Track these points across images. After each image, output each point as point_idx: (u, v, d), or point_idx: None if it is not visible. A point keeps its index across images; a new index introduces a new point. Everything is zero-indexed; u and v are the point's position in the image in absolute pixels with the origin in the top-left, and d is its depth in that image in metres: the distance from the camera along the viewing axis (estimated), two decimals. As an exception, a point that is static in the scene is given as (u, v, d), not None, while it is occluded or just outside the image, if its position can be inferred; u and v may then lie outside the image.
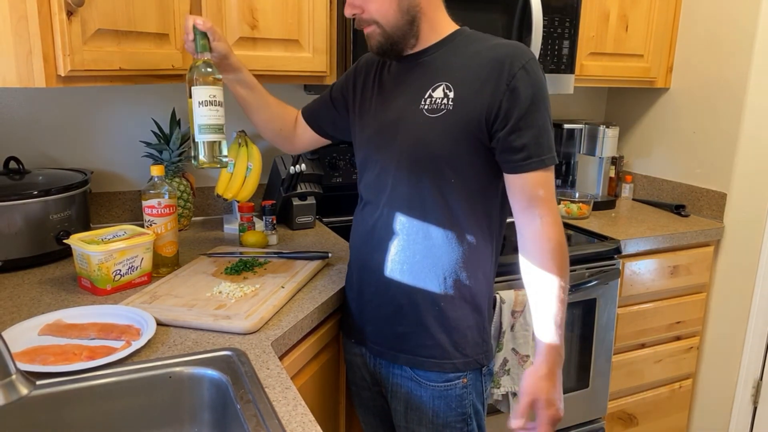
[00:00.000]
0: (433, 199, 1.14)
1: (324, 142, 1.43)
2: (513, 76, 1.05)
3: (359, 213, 1.28)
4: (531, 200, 1.10)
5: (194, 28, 1.17)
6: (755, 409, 2.18)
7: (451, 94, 1.10)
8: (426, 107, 1.12)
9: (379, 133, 1.20)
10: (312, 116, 1.40)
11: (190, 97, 1.19)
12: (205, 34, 1.18)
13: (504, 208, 1.18)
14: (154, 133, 1.74)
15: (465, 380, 1.19)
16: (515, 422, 1.08)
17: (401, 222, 1.17)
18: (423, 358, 1.19)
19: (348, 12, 1.14)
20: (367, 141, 1.23)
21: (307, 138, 1.42)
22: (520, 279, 1.17)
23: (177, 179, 1.75)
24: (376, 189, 1.21)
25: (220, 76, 1.21)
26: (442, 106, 1.10)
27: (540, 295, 1.12)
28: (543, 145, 1.08)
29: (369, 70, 1.27)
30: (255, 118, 1.39)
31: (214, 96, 1.20)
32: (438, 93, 1.12)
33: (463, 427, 1.20)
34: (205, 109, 1.19)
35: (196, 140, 1.20)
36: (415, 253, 1.16)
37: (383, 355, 1.24)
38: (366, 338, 1.27)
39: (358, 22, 1.15)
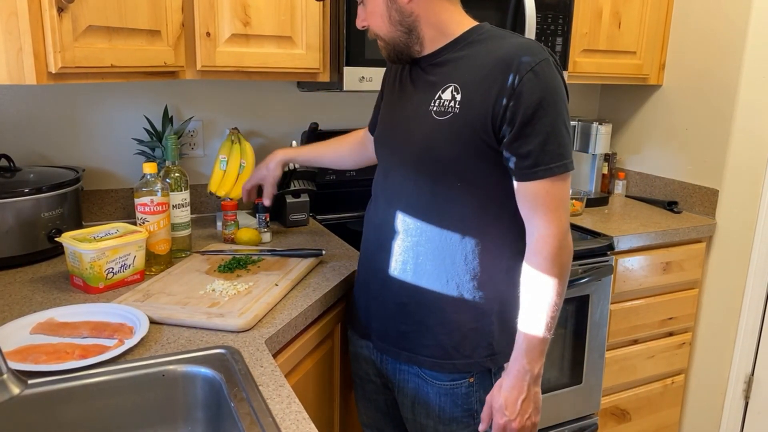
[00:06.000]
0: (437, 202, 1.13)
1: None
2: (520, 79, 1.02)
3: (369, 209, 1.29)
4: (532, 209, 1.07)
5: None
6: (746, 404, 2.19)
7: (459, 97, 1.08)
8: (435, 109, 1.11)
9: (391, 131, 1.22)
10: (373, 127, 1.41)
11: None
12: (177, 144, 1.49)
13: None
14: (147, 130, 1.73)
15: (472, 379, 1.18)
16: (480, 426, 1.17)
17: (406, 222, 1.17)
18: (423, 357, 1.19)
19: (359, 24, 1.18)
20: (380, 137, 1.26)
21: None
22: None
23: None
24: (383, 187, 1.22)
25: (187, 178, 1.52)
26: (449, 109, 1.09)
27: (523, 310, 1.11)
28: (551, 153, 1.03)
29: (394, 66, 1.29)
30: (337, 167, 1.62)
31: (185, 199, 1.51)
32: (446, 95, 1.10)
33: (470, 421, 1.20)
34: (177, 210, 1.50)
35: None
36: (419, 254, 1.16)
37: (388, 351, 1.24)
38: (371, 333, 1.27)
39: (369, 33, 1.18)
